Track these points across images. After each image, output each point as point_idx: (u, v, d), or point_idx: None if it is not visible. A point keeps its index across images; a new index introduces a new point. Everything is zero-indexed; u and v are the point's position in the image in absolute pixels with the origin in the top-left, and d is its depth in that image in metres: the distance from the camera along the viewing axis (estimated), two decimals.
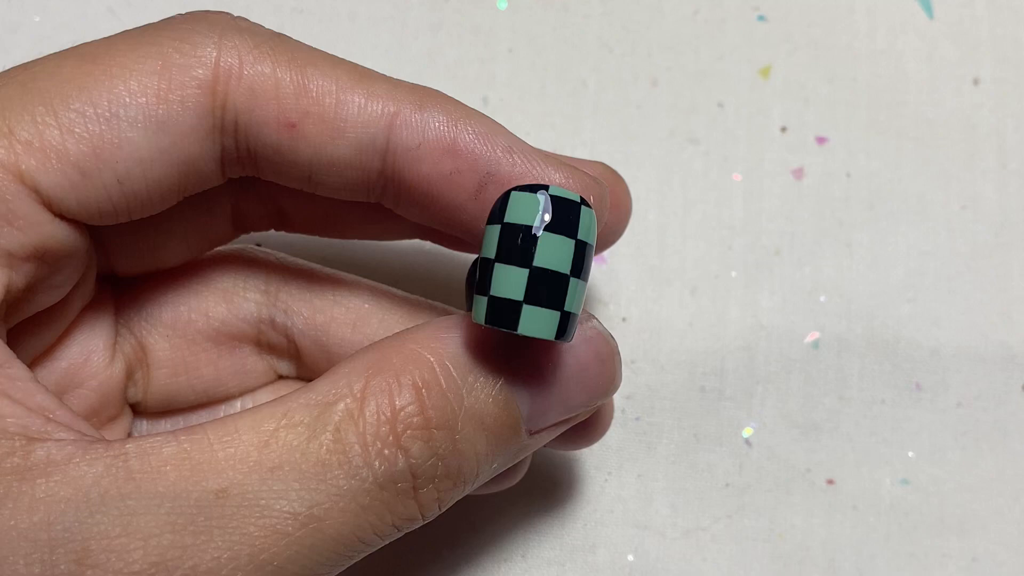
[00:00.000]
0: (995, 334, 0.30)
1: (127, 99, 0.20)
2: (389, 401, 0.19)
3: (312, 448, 0.19)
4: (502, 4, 0.32)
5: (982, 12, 0.32)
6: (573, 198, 0.19)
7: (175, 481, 0.18)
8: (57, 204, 0.20)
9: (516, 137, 0.21)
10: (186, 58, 0.20)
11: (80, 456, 0.18)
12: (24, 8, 0.32)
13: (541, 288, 0.18)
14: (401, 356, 0.20)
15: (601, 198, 0.22)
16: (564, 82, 0.32)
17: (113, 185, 0.20)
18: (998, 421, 0.29)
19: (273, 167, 0.21)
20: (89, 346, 0.24)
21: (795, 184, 0.31)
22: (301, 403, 0.19)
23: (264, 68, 0.20)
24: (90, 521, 0.17)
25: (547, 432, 0.21)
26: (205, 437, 0.18)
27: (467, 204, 0.21)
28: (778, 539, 0.29)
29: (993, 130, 0.31)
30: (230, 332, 0.25)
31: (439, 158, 0.21)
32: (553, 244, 0.18)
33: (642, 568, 0.29)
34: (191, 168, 0.21)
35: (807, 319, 0.30)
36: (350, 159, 0.21)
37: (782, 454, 0.29)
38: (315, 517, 0.18)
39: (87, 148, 0.20)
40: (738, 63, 0.32)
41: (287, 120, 0.20)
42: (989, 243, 0.30)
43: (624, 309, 0.30)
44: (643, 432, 0.29)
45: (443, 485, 0.20)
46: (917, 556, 0.29)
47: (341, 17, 0.32)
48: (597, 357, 0.21)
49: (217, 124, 0.20)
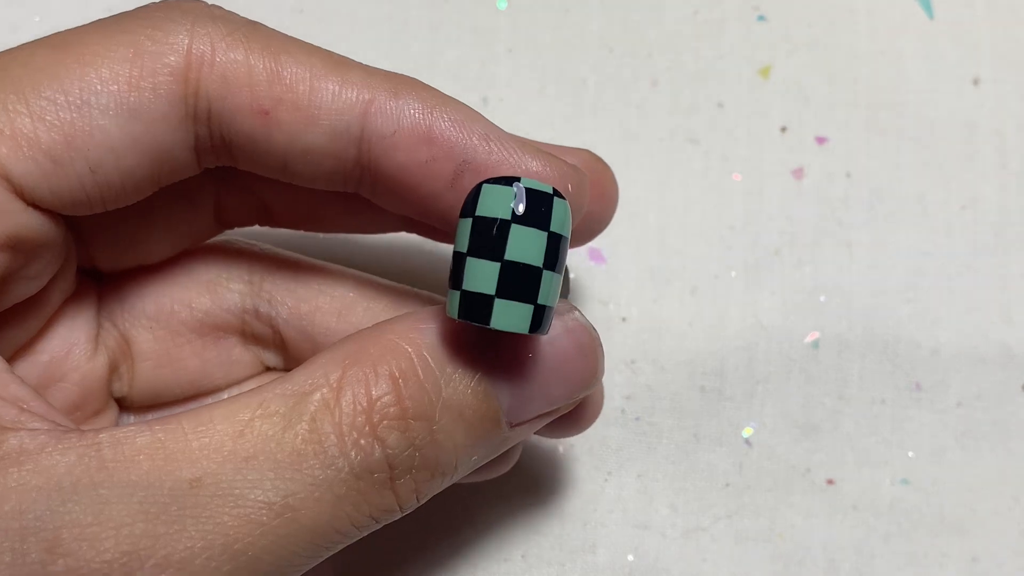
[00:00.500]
0: (995, 334, 0.30)
1: (98, 86, 0.20)
2: (366, 391, 0.19)
3: (287, 438, 0.18)
4: (502, 4, 0.32)
5: (982, 12, 0.32)
6: (546, 189, 0.19)
7: (148, 470, 0.18)
8: (29, 193, 0.20)
9: (493, 125, 0.21)
10: (158, 45, 0.20)
11: (53, 445, 0.18)
12: (24, 8, 0.32)
13: (513, 282, 0.18)
14: (379, 346, 0.19)
15: (580, 186, 0.21)
16: (564, 82, 0.32)
17: (85, 173, 0.20)
18: (998, 421, 0.29)
19: (248, 156, 0.21)
20: (70, 339, 0.24)
21: (795, 184, 0.31)
22: (277, 393, 0.19)
23: (237, 55, 0.20)
24: (62, 510, 0.17)
25: (530, 424, 0.21)
26: (180, 427, 0.18)
27: (444, 193, 0.21)
28: (778, 539, 0.29)
29: (993, 130, 0.31)
30: (214, 323, 0.25)
31: (414, 146, 0.20)
32: (525, 237, 0.18)
33: (642, 568, 0.29)
34: (164, 156, 0.21)
35: (807, 319, 0.30)
36: (325, 147, 0.21)
37: (782, 454, 0.29)
38: (290, 507, 0.18)
39: (58, 136, 0.19)
40: (738, 63, 0.32)
41: (260, 107, 0.20)
42: (989, 243, 0.30)
43: (624, 309, 0.30)
44: (643, 432, 0.29)
45: (420, 476, 0.20)
46: (917, 556, 0.29)
47: (341, 17, 0.32)
48: (579, 349, 0.21)
49: (190, 112, 0.20)
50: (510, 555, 0.29)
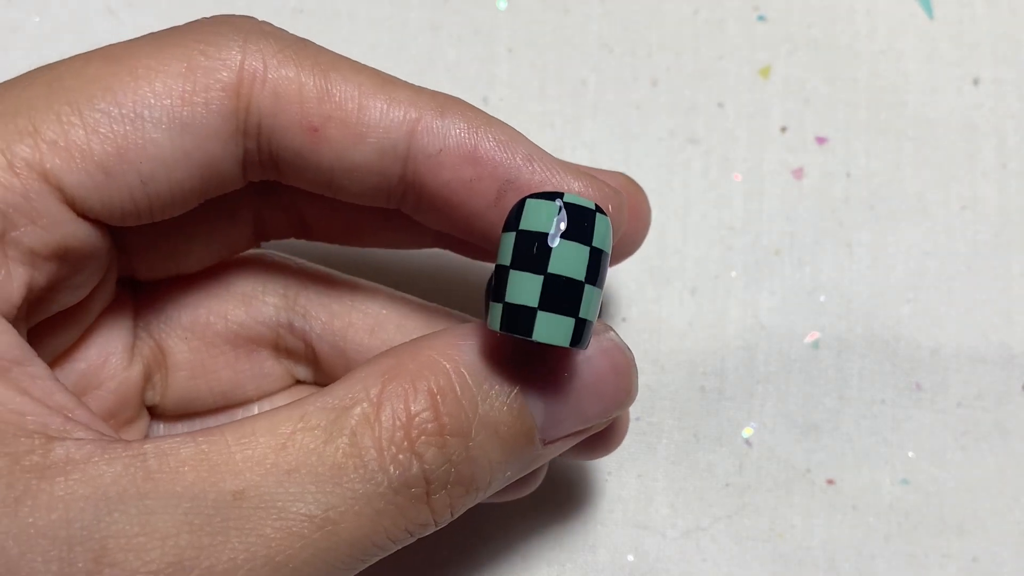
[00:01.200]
0: (995, 334, 0.30)
1: (152, 100, 0.20)
2: (405, 406, 0.19)
3: (328, 451, 0.19)
4: (502, 4, 0.32)
5: (982, 12, 0.32)
6: (588, 205, 0.19)
7: (193, 482, 0.18)
8: (80, 204, 0.20)
9: (536, 145, 0.21)
10: (211, 61, 0.20)
11: (99, 455, 0.18)
12: (24, 8, 0.32)
13: (556, 295, 0.18)
14: (417, 362, 0.20)
15: (619, 207, 0.22)
16: (564, 82, 0.32)
17: (136, 186, 0.20)
18: (998, 421, 0.29)
19: (295, 171, 0.21)
20: (108, 348, 0.24)
21: (795, 184, 0.31)
22: (318, 406, 0.19)
23: (288, 72, 0.20)
24: (108, 520, 0.17)
25: (562, 442, 0.21)
26: (223, 439, 0.19)
27: (486, 211, 0.21)
28: (778, 539, 0.29)
29: (993, 130, 0.31)
30: (248, 335, 0.25)
31: (459, 165, 0.21)
32: (568, 251, 0.19)
33: (642, 568, 0.29)
34: (213, 171, 0.21)
35: (807, 319, 0.30)
36: (371, 164, 0.21)
37: (782, 454, 0.29)
38: (331, 520, 0.18)
39: (111, 148, 0.20)
40: (738, 63, 0.32)
41: (310, 124, 0.20)
42: (989, 243, 0.30)
43: (624, 309, 0.30)
44: (643, 432, 0.29)
45: (455, 492, 0.20)
46: (917, 556, 0.29)
47: (341, 17, 0.32)
48: (613, 368, 0.21)
49: (240, 127, 0.20)
50: (510, 555, 0.29)
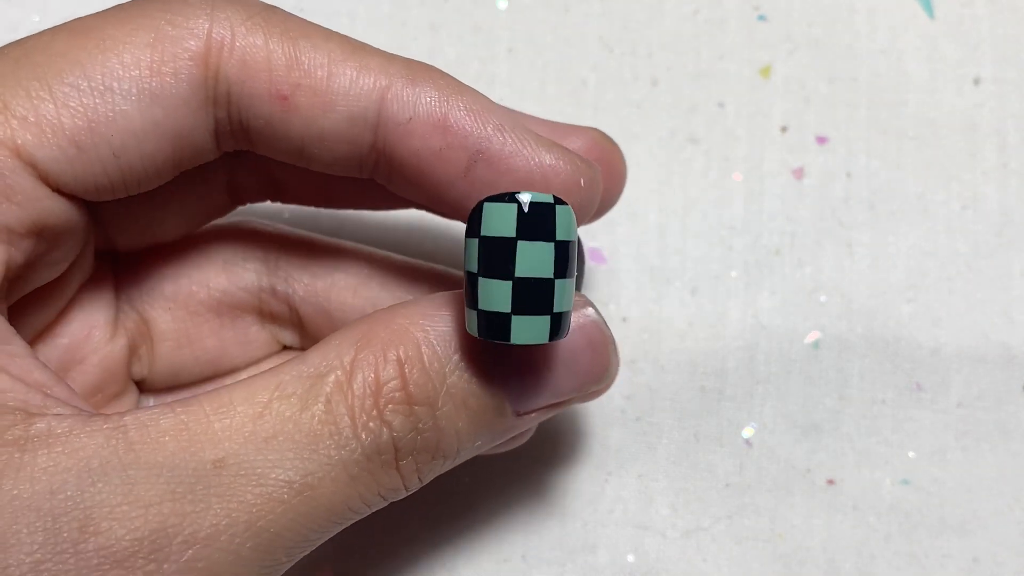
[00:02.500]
0: (996, 334, 0.30)
1: (120, 72, 0.20)
2: (375, 375, 0.19)
3: (304, 419, 0.19)
4: (502, 4, 0.32)
5: (983, 12, 0.32)
6: (546, 200, 0.18)
7: (174, 452, 0.18)
8: (55, 179, 0.20)
9: (509, 115, 0.21)
10: (178, 30, 0.20)
11: (80, 428, 0.18)
12: (24, 7, 0.32)
13: (527, 297, 0.18)
14: (389, 330, 0.20)
15: (592, 180, 0.22)
16: (564, 82, 0.32)
17: (109, 158, 0.20)
18: (999, 421, 0.29)
19: (265, 140, 0.21)
20: (90, 322, 0.24)
21: (795, 184, 0.31)
22: (293, 375, 0.19)
23: (256, 40, 0.20)
24: (92, 490, 0.18)
25: (538, 413, 0.21)
26: (201, 409, 0.19)
27: (457, 182, 0.21)
28: (778, 539, 0.29)
29: (994, 130, 0.31)
30: (231, 302, 0.25)
31: (429, 133, 0.20)
32: (532, 252, 0.18)
33: (642, 568, 0.29)
34: (185, 141, 0.21)
35: (807, 319, 0.30)
36: (341, 132, 0.21)
37: (782, 454, 0.29)
38: (309, 486, 0.19)
39: (82, 122, 0.20)
40: (738, 63, 0.31)
41: (279, 92, 0.20)
42: (990, 243, 0.30)
43: (624, 309, 0.30)
44: (643, 432, 0.29)
45: (422, 458, 0.20)
46: (917, 556, 0.29)
47: (341, 17, 0.32)
48: (589, 344, 0.21)
49: (210, 96, 0.20)
50: (510, 555, 0.29)
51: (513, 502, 0.29)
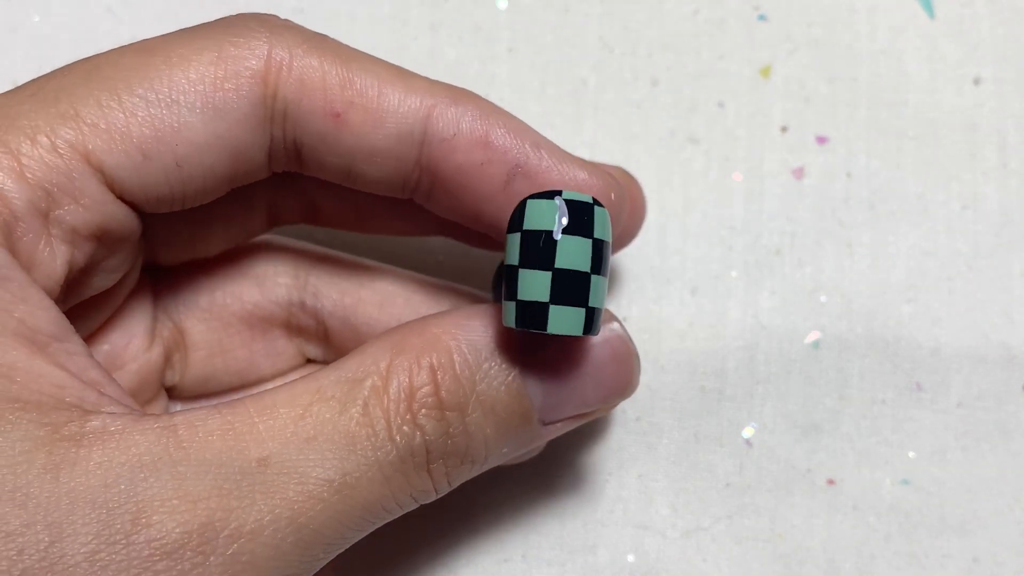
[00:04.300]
0: (996, 334, 0.30)
1: (186, 86, 0.21)
2: (409, 380, 0.20)
3: (343, 421, 0.20)
4: (502, 4, 0.32)
5: (983, 12, 0.32)
6: (586, 200, 0.20)
7: (221, 450, 0.19)
8: (119, 185, 0.21)
9: (543, 136, 0.22)
10: (240, 50, 0.21)
11: (132, 426, 0.19)
12: (24, 8, 0.32)
13: (565, 288, 0.19)
14: (422, 339, 0.21)
15: (620, 196, 0.23)
16: (564, 82, 0.32)
17: (172, 168, 0.21)
18: (999, 421, 0.29)
19: (317, 157, 0.22)
20: (130, 331, 0.25)
21: (795, 184, 0.31)
22: (332, 379, 0.20)
23: (312, 61, 0.21)
24: (144, 484, 0.18)
25: (563, 423, 0.22)
26: (246, 410, 0.20)
27: (496, 195, 0.22)
28: (778, 539, 0.29)
29: (994, 130, 0.31)
30: (262, 315, 0.26)
31: (472, 149, 0.22)
32: (572, 245, 0.19)
33: (642, 568, 0.29)
34: (242, 156, 0.22)
35: (807, 319, 0.30)
36: (390, 148, 0.22)
37: (782, 454, 0.29)
38: (347, 485, 0.20)
39: (149, 131, 0.21)
40: (738, 63, 0.31)
41: (333, 110, 0.21)
42: (990, 243, 0.30)
43: (624, 309, 0.30)
44: (643, 432, 0.29)
45: (452, 462, 0.21)
46: (918, 556, 0.29)
47: (341, 17, 0.32)
48: (615, 357, 0.22)
49: (268, 113, 0.21)
50: (510, 555, 0.29)
51: (513, 502, 0.29)
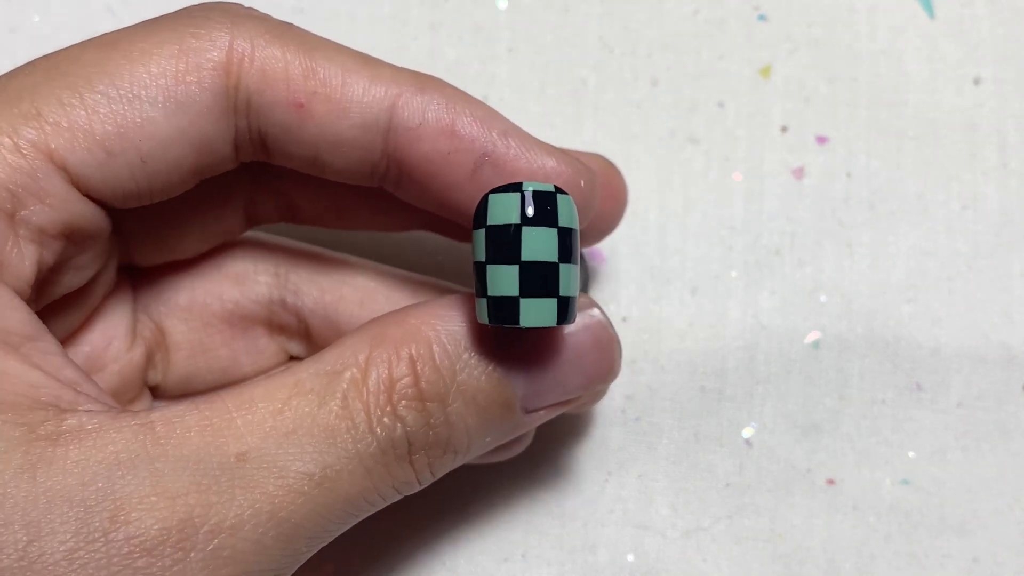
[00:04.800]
0: (996, 334, 0.30)
1: (148, 80, 0.21)
2: (388, 371, 0.20)
3: (322, 414, 0.20)
4: (502, 4, 0.32)
5: (983, 12, 0.32)
6: (548, 189, 0.19)
7: (199, 446, 0.19)
8: (85, 183, 0.21)
9: (512, 123, 0.22)
10: (202, 42, 0.21)
11: (109, 424, 0.19)
12: (24, 8, 0.32)
13: (534, 280, 0.19)
14: (401, 330, 0.21)
15: (591, 182, 0.23)
16: (564, 82, 0.32)
17: (136, 164, 0.21)
18: (999, 421, 0.29)
19: (282, 147, 0.22)
20: (110, 332, 0.25)
21: (795, 184, 0.31)
22: (311, 372, 0.20)
23: (275, 51, 0.21)
24: (122, 482, 0.18)
25: (546, 411, 0.22)
26: (224, 405, 0.20)
27: (464, 184, 0.22)
28: (778, 539, 0.29)
29: (994, 130, 0.31)
30: (243, 314, 0.26)
31: (438, 138, 0.21)
32: (537, 236, 0.19)
33: (642, 568, 0.29)
34: (207, 148, 0.22)
35: (807, 319, 0.30)
36: (355, 138, 0.22)
37: (782, 454, 0.29)
38: (328, 478, 0.20)
39: (112, 128, 0.20)
40: (738, 63, 0.31)
41: (296, 100, 0.21)
42: (990, 243, 0.30)
43: (624, 309, 0.30)
44: (643, 432, 0.29)
45: (434, 453, 0.21)
46: (917, 556, 0.29)
47: (341, 17, 0.32)
48: (596, 343, 0.22)
49: (231, 104, 0.21)
50: (510, 555, 0.29)
51: (513, 502, 0.29)
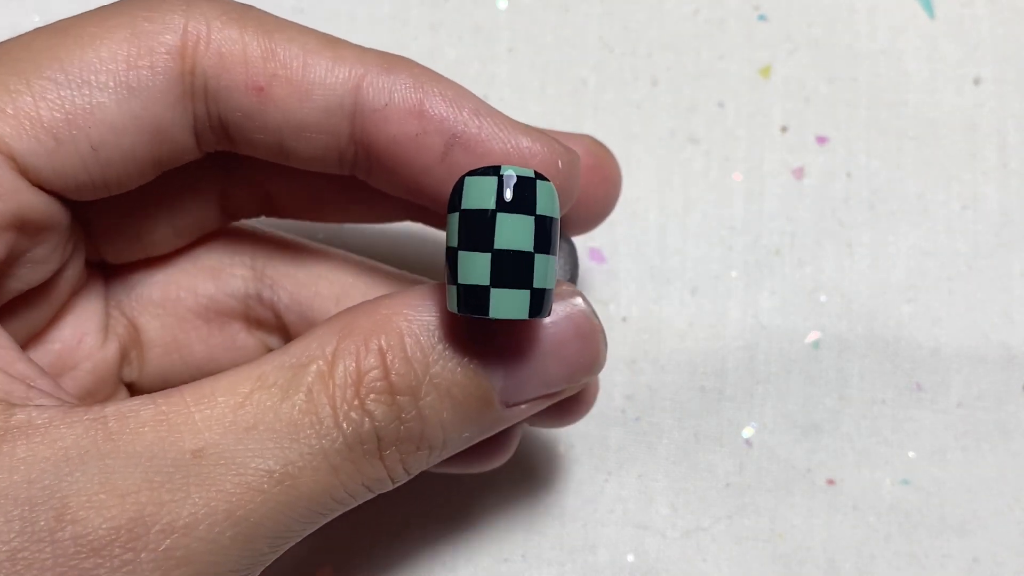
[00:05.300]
0: (996, 334, 0.30)
1: (97, 65, 0.20)
2: (356, 364, 0.19)
3: (285, 408, 0.19)
4: (502, 4, 0.32)
5: (983, 12, 0.32)
6: (527, 174, 0.18)
7: (153, 441, 0.18)
8: (34, 172, 0.20)
9: (484, 102, 0.21)
10: (155, 25, 0.20)
11: (60, 419, 0.18)
12: (24, 8, 0.32)
13: (506, 270, 0.18)
14: (372, 320, 0.20)
15: (570, 164, 0.22)
16: (564, 82, 0.32)
17: (88, 152, 0.20)
18: (999, 421, 0.29)
19: (244, 134, 0.21)
20: (81, 329, 0.24)
21: (795, 184, 0.31)
22: (275, 365, 0.19)
23: (232, 33, 0.20)
24: (70, 479, 0.18)
25: (528, 405, 0.21)
26: (182, 399, 0.19)
27: (434, 167, 0.21)
28: (778, 539, 0.29)
29: (994, 130, 0.31)
30: (219, 309, 0.25)
31: (405, 119, 0.21)
32: (512, 224, 0.18)
33: (642, 568, 0.29)
34: (164, 135, 0.21)
35: (807, 319, 0.30)
36: (318, 122, 0.21)
37: (782, 454, 0.29)
38: (289, 475, 0.19)
39: (60, 114, 0.20)
40: (738, 63, 0.31)
41: (255, 84, 0.20)
42: (990, 243, 0.30)
43: (624, 309, 0.30)
44: (643, 432, 0.29)
45: (406, 448, 0.20)
46: (917, 556, 0.29)
47: (341, 17, 0.32)
48: (577, 333, 0.21)
49: (187, 89, 0.20)
50: (510, 555, 0.29)
51: (513, 502, 0.29)
